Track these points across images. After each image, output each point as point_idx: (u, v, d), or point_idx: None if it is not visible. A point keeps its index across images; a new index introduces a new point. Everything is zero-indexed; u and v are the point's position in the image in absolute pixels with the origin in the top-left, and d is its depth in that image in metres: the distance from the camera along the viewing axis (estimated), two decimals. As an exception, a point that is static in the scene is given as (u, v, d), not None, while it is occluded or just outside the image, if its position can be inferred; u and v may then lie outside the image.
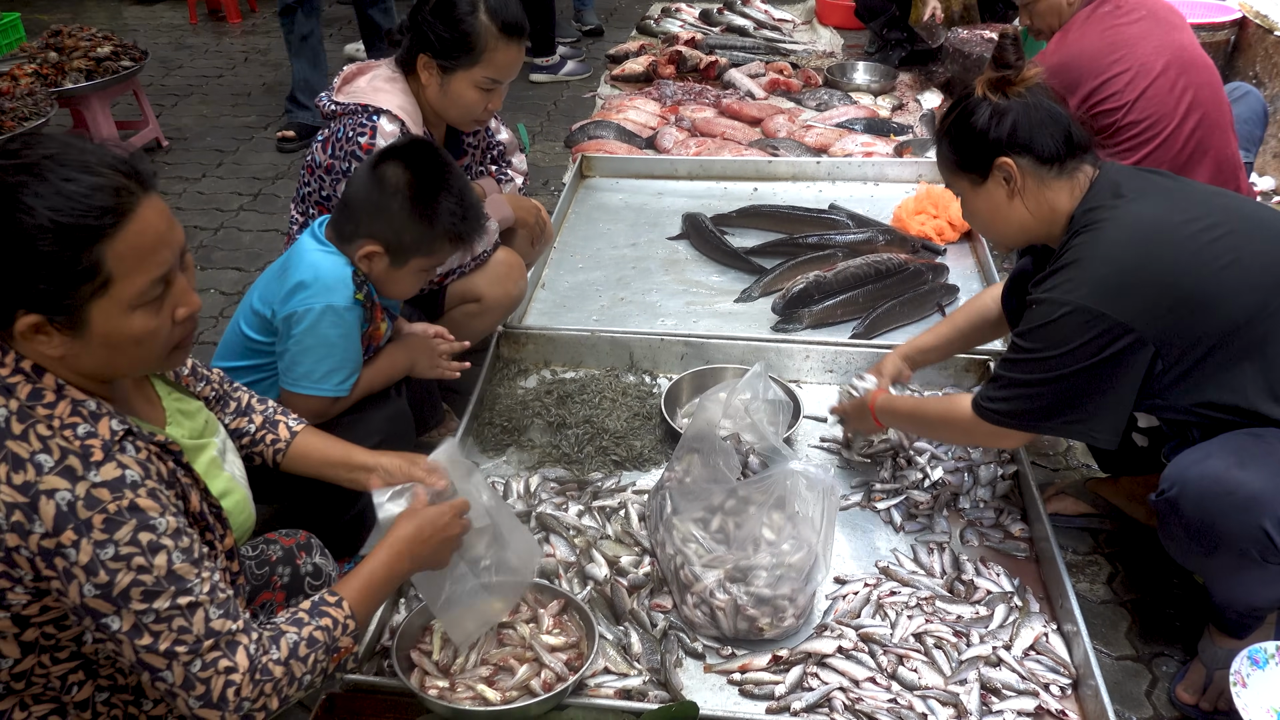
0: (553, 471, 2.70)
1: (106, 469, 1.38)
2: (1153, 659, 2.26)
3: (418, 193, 2.16)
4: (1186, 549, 1.95)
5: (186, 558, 1.42)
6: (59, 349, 1.39)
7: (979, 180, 2.11)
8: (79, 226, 1.34)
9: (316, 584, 1.94)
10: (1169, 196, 2.03)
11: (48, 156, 1.35)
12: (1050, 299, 1.96)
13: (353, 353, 2.24)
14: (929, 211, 3.84)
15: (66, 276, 1.34)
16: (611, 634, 2.21)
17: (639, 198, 4.25)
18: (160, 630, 1.40)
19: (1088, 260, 1.94)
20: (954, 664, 2.14)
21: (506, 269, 2.87)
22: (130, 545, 1.37)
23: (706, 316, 3.41)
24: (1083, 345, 1.92)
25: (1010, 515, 2.55)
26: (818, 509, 2.16)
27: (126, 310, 1.39)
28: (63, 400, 1.41)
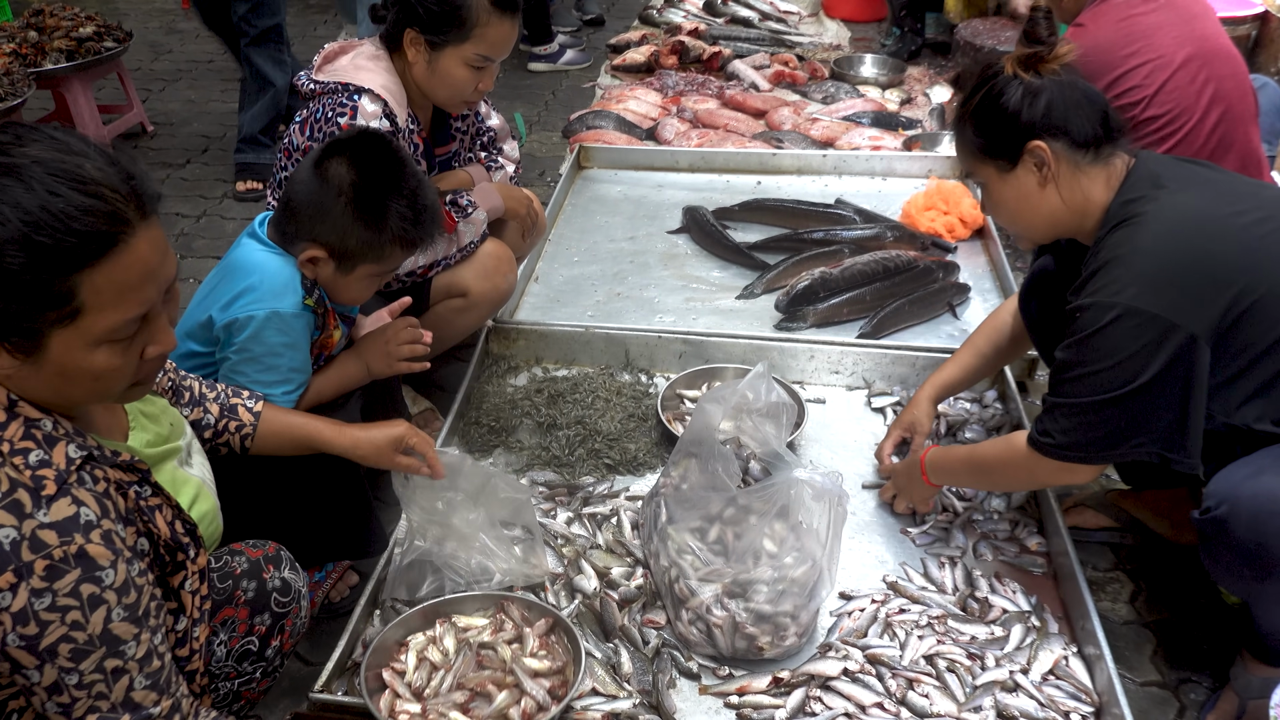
0: (542, 475, 2.55)
1: (58, 506, 1.23)
2: (1180, 685, 2.11)
3: (363, 194, 1.98)
4: (1234, 571, 1.79)
5: (128, 615, 1.28)
6: (5, 368, 1.24)
7: (1007, 167, 1.93)
8: (56, 249, 1.18)
9: (284, 600, 1.79)
10: (1214, 187, 1.87)
11: (37, 161, 1.19)
12: (1094, 303, 1.78)
13: (300, 363, 2.07)
14: (939, 208, 3.69)
15: (31, 299, 1.19)
16: (600, 652, 2.06)
17: (638, 190, 4.09)
18: (79, 695, 1.26)
19: (1130, 256, 1.77)
20: (968, 689, 1.99)
21: (495, 262, 2.72)
22: (69, 597, 1.23)
23: (706, 314, 3.26)
24: (1138, 352, 1.74)
25: (1026, 528, 2.40)
26: (823, 520, 2.01)
27: (90, 344, 1.24)
28: (14, 420, 1.26)
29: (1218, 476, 1.77)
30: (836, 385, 2.93)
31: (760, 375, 2.29)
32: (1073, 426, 1.87)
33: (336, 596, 2.28)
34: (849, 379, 2.93)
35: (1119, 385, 1.78)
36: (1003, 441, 2.12)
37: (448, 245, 2.57)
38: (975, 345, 2.49)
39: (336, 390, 2.19)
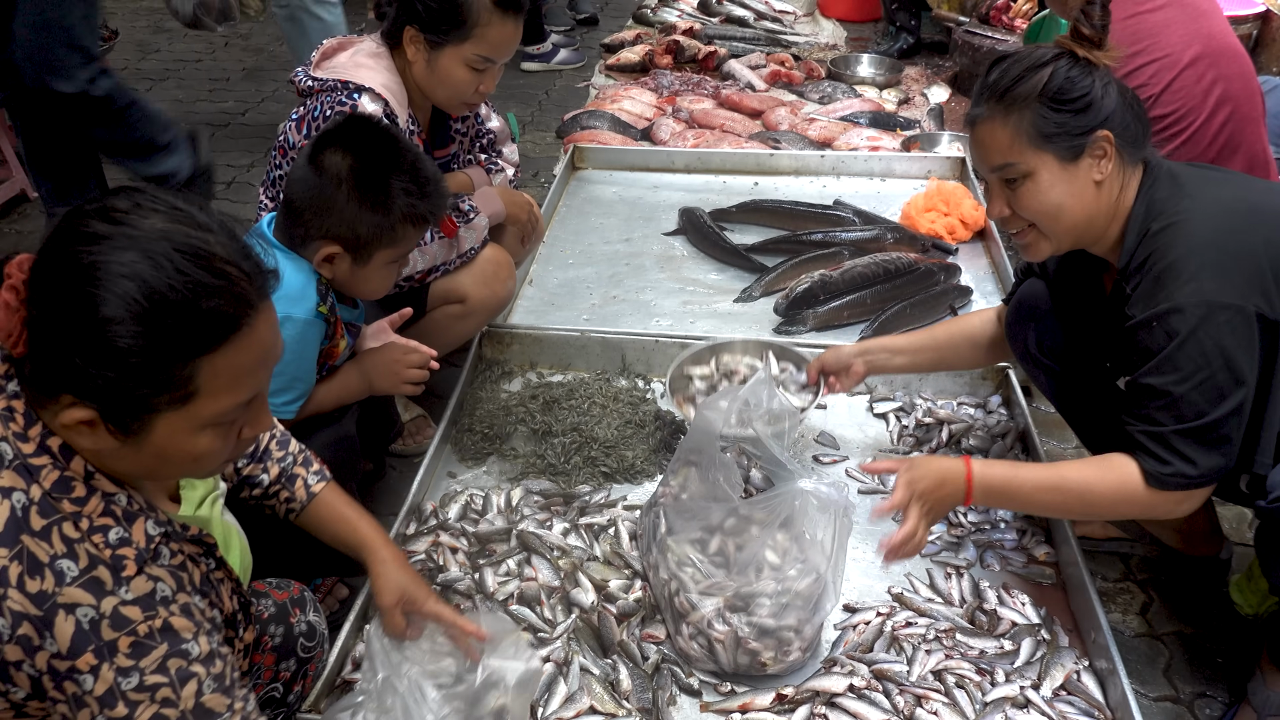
0: (537, 484, 2.48)
1: (138, 583, 1.18)
2: (1194, 700, 2.05)
3: (363, 178, 1.93)
4: None
5: (218, 686, 1.22)
6: (99, 445, 1.18)
7: (1069, 156, 1.77)
8: (181, 333, 1.12)
9: (310, 645, 1.74)
10: (1238, 180, 1.82)
11: (165, 235, 1.13)
12: (1171, 308, 1.66)
13: (305, 371, 2.01)
14: (939, 209, 3.63)
15: (147, 382, 1.13)
16: (598, 668, 1.99)
17: (633, 191, 4.03)
18: None
19: (1188, 254, 1.67)
20: (978, 706, 1.93)
21: (494, 268, 2.65)
22: (157, 674, 1.17)
23: (704, 317, 3.20)
24: (1242, 346, 1.63)
25: (1034, 537, 2.34)
26: (828, 532, 1.95)
27: (197, 428, 1.19)
28: (94, 495, 1.20)
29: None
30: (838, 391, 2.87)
31: (762, 381, 2.22)
32: (1205, 449, 1.70)
33: (326, 611, 2.20)
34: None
35: (1231, 387, 1.66)
36: (1104, 469, 1.83)
37: (448, 250, 2.50)
38: (934, 334, 2.45)
39: (336, 402, 2.12)
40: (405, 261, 2.09)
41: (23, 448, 1.18)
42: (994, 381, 2.81)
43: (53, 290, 1.12)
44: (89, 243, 1.12)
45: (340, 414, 2.13)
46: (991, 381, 2.82)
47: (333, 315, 2.04)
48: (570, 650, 2.02)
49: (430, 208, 2.00)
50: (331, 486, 1.77)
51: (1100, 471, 1.84)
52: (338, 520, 1.76)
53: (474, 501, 2.42)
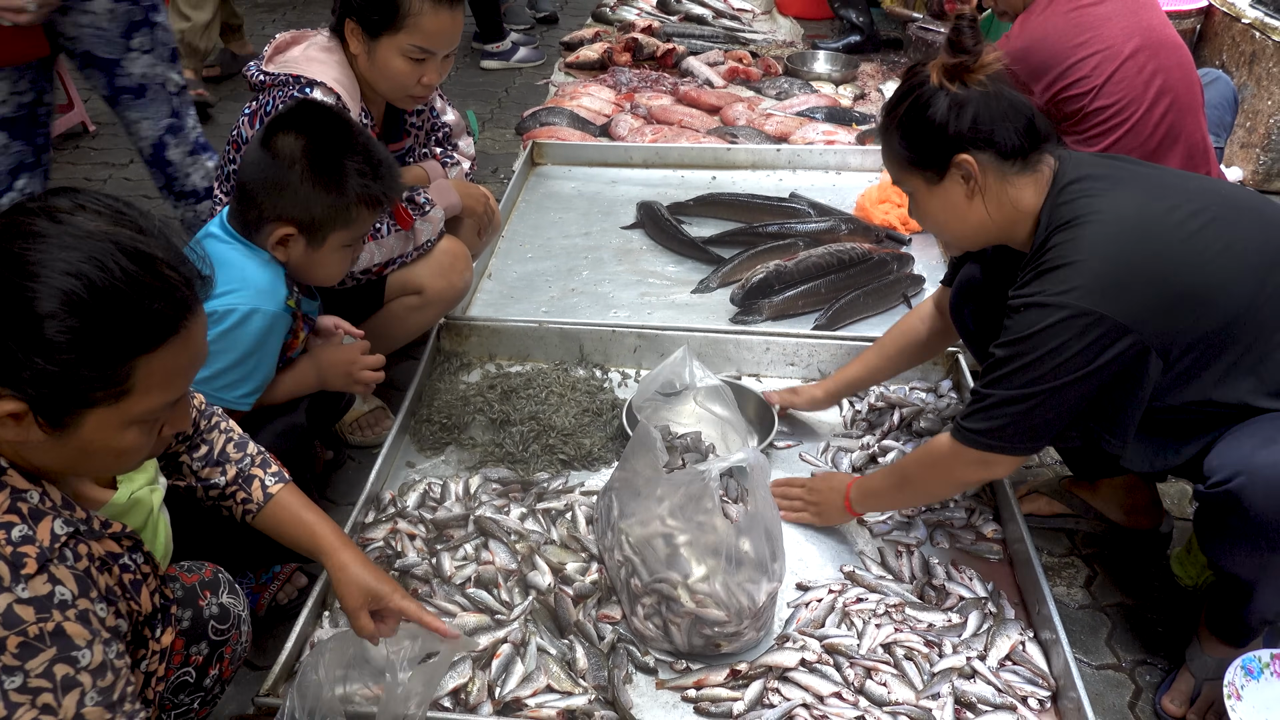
0: (495, 472, 2.50)
1: (36, 583, 1.17)
2: (1135, 668, 2.11)
3: (316, 158, 1.95)
4: (1246, 545, 1.74)
5: (102, 700, 1.20)
6: (24, 438, 1.18)
7: (934, 179, 1.91)
8: (123, 332, 1.15)
9: (222, 629, 1.69)
10: (1144, 184, 1.87)
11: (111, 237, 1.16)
12: (1040, 302, 1.76)
13: (267, 365, 2.03)
14: (893, 200, 3.69)
15: (86, 379, 1.15)
16: (555, 648, 2.02)
17: (592, 186, 4.06)
18: None
19: (1077, 259, 1.75)
20: (926, 677, 1.98)
21: (451, 260, 2.67)
22: (42, 678, 1.16)
23: (662, 308, 3.23)
24: (1082, 351, 1.73)
25: (982, 515, 2.40)
26: (761, 494, 1.98)
27: (124, 424, 1.21)
28: (1, 490, 1.20)
29: (1220, 449, 1.75)
30: (792, 377, 2.92)
31: (681, 360, 2.27)
32: (1004, 415, 1.85)
33: (284, 598, 2.22)
34: (805, 370, 2.92)
35: (1057, 379, 1.77)
36: (923, 447, 2.10)
37: (404, 243, 2.52)
38: (883, 348, 2.52)
39: (289, 395, 2.14)
40: (359, 247, 2.11)
41: None
42: (944, 366, 2.87)
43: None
44: (32, 240, 1.14)
45: (292, 405, 2.14)
46: (942, 366, 2.88)
47: (298, 309, 2.05)
48: (527, 631, 2.05)
49: (383, 189, 2.02)
50: (289, 488, 1.75)
51: (923, 447, 2.10)
52: (295, 523, 1.73)
53: (432, 490, 2.44)
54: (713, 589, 1.98)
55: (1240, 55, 4.26)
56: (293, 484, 1.76)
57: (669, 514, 2.06)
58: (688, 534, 2.02)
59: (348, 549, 1.71)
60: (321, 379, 2.17)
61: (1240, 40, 4.25)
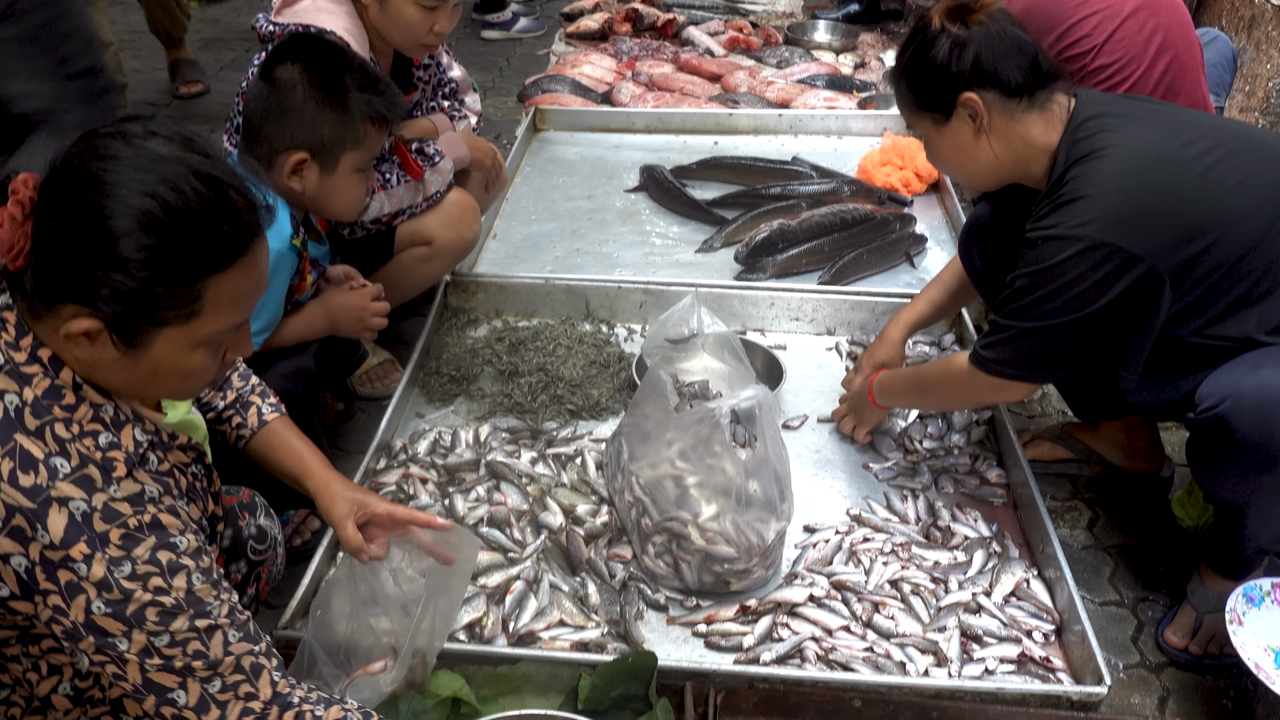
0: (504, 421, 2.53)
1: (127, 484, 1.23)
2: (1138, 604, 2.15)
3: (317, 78, 1.98)
4: (1235, 469, 1.79)
5: (206, 579, 1.27)
6: (98, 357, 1.22)
7: (942, 119, 1.95)
8: (197, 251, 1.19)
9: (260, 549, 1.75)
10: (1160, 120, 1.90)
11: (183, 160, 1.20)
12: (1056, 235, 1.80)
13: (274, 303, 2.05)
14: (895, 163, 3.71)
15: (160, 296, 1.19)
16: (567, 585, 2.05)
17: (595, 151, 4.08)
18: (173, 654, 1.25)
19: (1094, 192, 1.79)
20: (932, 611, 2.02)
21: (460, 211, 2.68)
22: (149, 564, 1.22)
23: (666, 267, 3.25)
24: (1097, 283, 1.77)
25: (986, 461, 2.43)
26: (770, 435, 2.01)
27: (192, 345, 1.25)
28: (82, 404, 1.25)
29: (1211, 378, 1.80)
30: (797, 332, 2.95)
31: (690, 306, 2.30)
32: (1019, 346, 1.92)
33: (298, 541, 2.25)
34: (810, 325, 2.95)
35: (1074, 310, 1.81)
36: (944, 361, 2.20)
37: (414, 194, 2.54)
38: (944, 282, 2.51)
39: (299, 338, 2.16)
40: (371, 176, 2.13)
41: (14, 356, 1.23)
42: (947, 320, 2.90)
43: (75, 205, 1.17)
44: (108, 161, 1.18)
45: (301, 348, 2.16)
46: (945, 320, 2.90)
47: (304, 249, 2.07)
48: (540, 569, 2.08)
49: (387, 105, 2.05)
50: (283, 420, 1.77)
51: (945, 361, 2.20)
52: (284, 449, 1.74)
53: (442, 438, 2.46)
54: (722, 527, 2.01)
55: (1239, 20, 4.27)
56: (288, 418, 1.79)
57: (678, 456, 2.10)
58: (697, 475, 2.05)
59: (329, 471, 1.74)
60: (331, 324, 2.19)
61: (1239, 4, 4.26)
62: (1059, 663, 1.93)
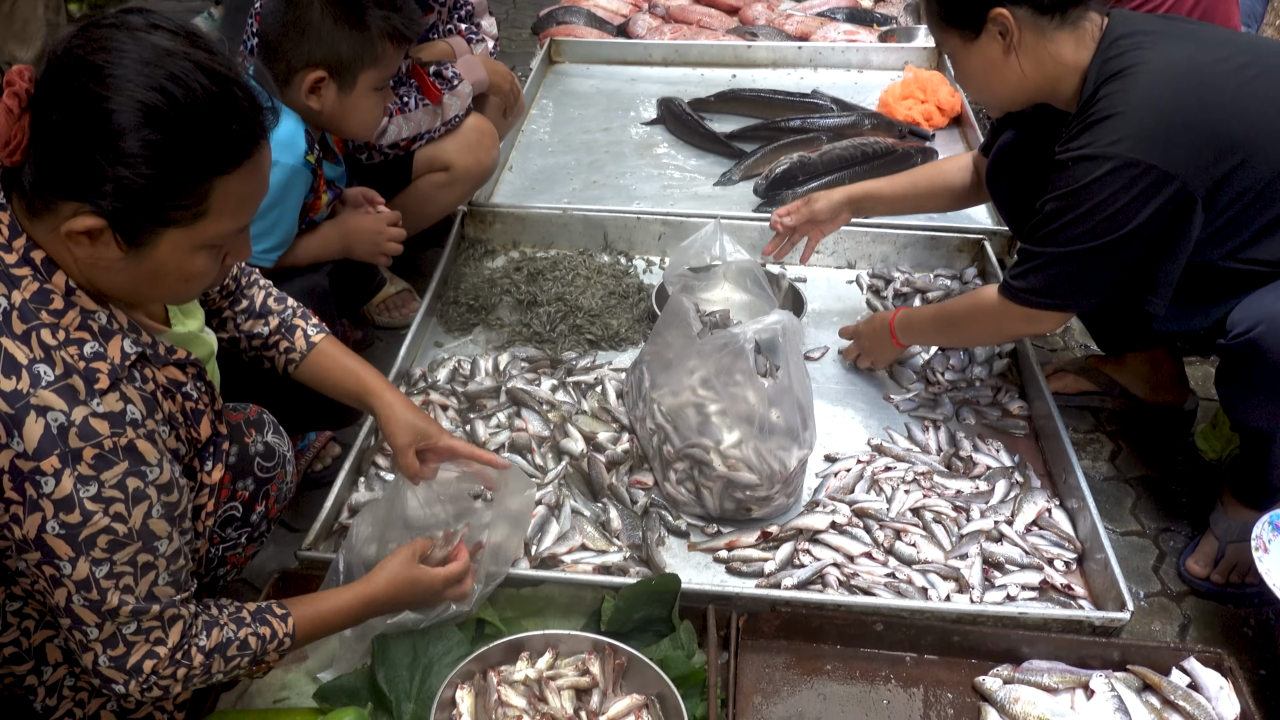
0: (523, 350, 2.52)
1: (109, 399, 1.21)
2: (1159, 534, 2.15)
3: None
4: (1265, 395, 1.77)
5: (166, 513, 1.27)
6: (99, 258, 1.19)
7: (971, 36, 1.90)
8: (205, 149, 1.17)
9: (268, 465, 1.71)
10: (1194, 37, 1.86)
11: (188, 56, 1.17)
12: (1087, 155, 1.76)
13: (288, 220, 2.02)
14: (916, 96, 3.65)
15: (167, 195, 1.17)
16: (589, 510, 2.05)
17: (611, 84, 4.02)
18: (108, 586, 1.24)
19: (1126, 109, 1.75)
20: (954, 538, 2.01)
21: (479, 136, 2.64)
22: (115, 489, 1.20)
23: (684, 200, 3.22)
24: (1130, 203, 1.74)
25: (1008, 393, 2.42)
26: (794, 362, 1.99)
27: (195, 247, 1.23)
28: (71, 309, 1.22)
29: (1242, 305, 1.77)
30: (817, 265, 2.91)
31: (712, 234, 2.27)
32: (1052, 274, 1.88)
33: (319, 466, 2.25)
34: (830, 258, 2.92)
35: (1107, 233, 1.78)
36: (971, 295, 2.16)
37: (432, 117, 2.50)
38: (914, 178, 2.51)
39: (313, 258, 2.14)
40: (389, 95, 2.10)
41: (5, 258, 1.20)
42: (970, 254, 2.87)
43: (78, 98, 1.14)
44: (112, 54, 1.15)
45: (314, 267, 2.14)
46: (967, 254, 2.87)
47: (318, 166, 2.05)
48: (561, 494, 2.08)
49: (404, 22, 2.02)
50: (330, 338, 1.77)
51: (972, 295, 2.16)
52: (339, 369, 1.73)
53: (462, 366, 2.45)
54: (744, 454, 2.00)
55: (1272, -48, 4.16)
56: (334, 337, 1.78)
57: (700, 384, 2.08)
58: (719, 403, 2.04)
59: (393, 392, 1.74)
60: (346, 246, 2.17)
61: (1273, -64, 4.16)
62: (1080, 590, 1.94)
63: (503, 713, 1.60)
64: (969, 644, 1.81)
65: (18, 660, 1.45)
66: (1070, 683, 1.72)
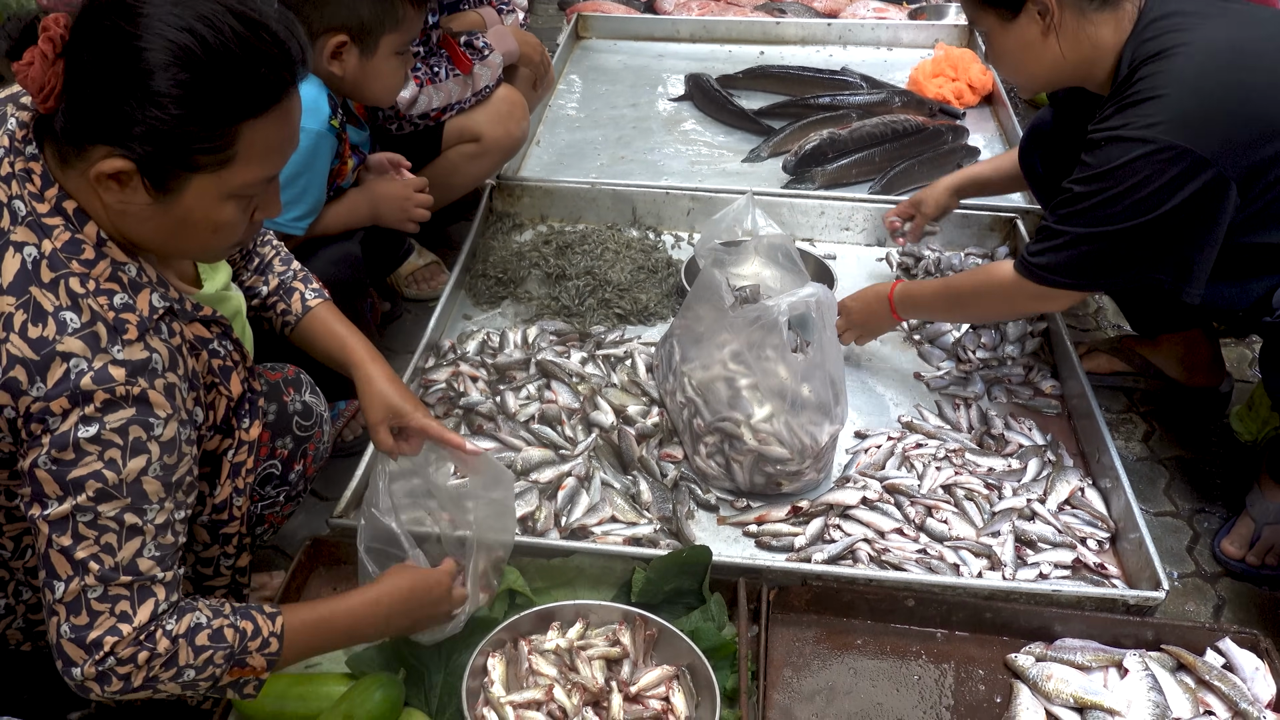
0: (552, 324, 2.51)
1: (133, 348, 1.20)
2: (1193, 515, 2.13)
3: None
4: None
5: (163, 476, 1.23)
6: (128, 204, 1.19)
7: (1009, 16, 1.86)
8: (233, 92, 1.16)
9: (306, 424, 1.71)
10: (1234, 18, 1.81)
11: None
12: (1121, 136, 1.73)
13: (316, 186, 2.01)
14: (947, 74, 3.62)
15: (194, 138, 1.16)
16: (619, 483, 2.05)
17: (639, 60, 4.00)
18: (87, 536, 1.19)
19: (1163, 92, 1.71)
20: (986, 516, 2.00)
21: (509, 107, 2.63)
22: (115, 433, 1.18)
23: (713, 176, 3.20)
24: (1162, 187, 1.71)
25: (1040, 372, 2.39)
26: (828, 335, 1.98)
27: (223, 196, 1.22)
28: (102, 260, 1.22)
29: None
30: (847, 241, 2.90)
31: (744, 207, 2.26)
32: (1074, 253, 1.85)
33: (349, 435, 2.25)
34: (860, 235, 2.90)
35: (1135, 216, 1.75)
36: (980, 270, 2.13)
37: (463, 88, 2.49)
38: (1011, 156, 2.45)
39: (342, 226, 2.14)
40: (410, 60, 2.08)
41: (37, 207, 1.20)
42: (1001, 232, 2.84)
43: (108, 39, 1.14)
44: None
45: (346, 235, 2.14)
46: (999, 232, 2.84)
47: (343, 131, 2.04)
48: (591, 466, 2.07)
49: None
50: (328, 305, 1.73)
51: (981, 271, 2.15)
52: (329, 335, 1.70)
53: (491, 339, 2.45)
54: (775, 428, 1.99)
55: (1312, -70, 4.09)
56: (333, 304, 1.75)
57: (731, 358, 2.08)
58: (750, 377, 2.03)
59: (377, 364, 1.68)
60: (374, 212, 2.17)
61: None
62: (1114, 570, 1.92)
63: (533, 681, 1.60)
64: (1001, 621, 1.79)
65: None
66: (1104, 661, 1.71)
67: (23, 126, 1.24)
